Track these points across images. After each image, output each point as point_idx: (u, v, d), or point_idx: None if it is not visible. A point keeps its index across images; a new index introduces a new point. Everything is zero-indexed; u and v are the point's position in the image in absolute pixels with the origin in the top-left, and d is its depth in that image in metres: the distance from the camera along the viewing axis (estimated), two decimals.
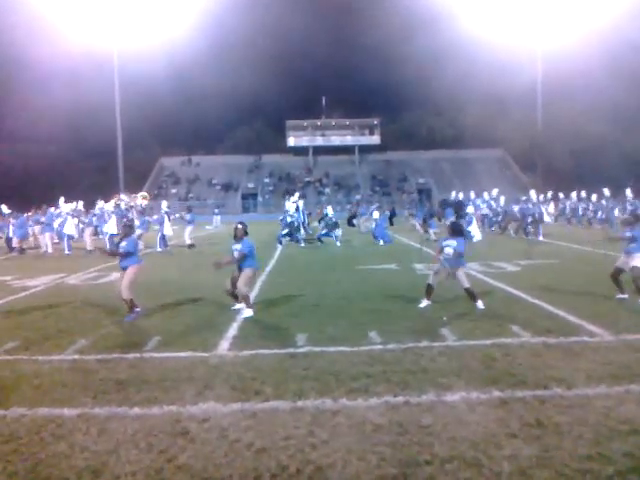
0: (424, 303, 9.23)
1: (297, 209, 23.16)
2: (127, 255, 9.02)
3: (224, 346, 7.13)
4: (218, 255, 12.48)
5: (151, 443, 4.41)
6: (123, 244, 9.09)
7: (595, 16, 43.64)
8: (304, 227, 23.46)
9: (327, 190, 65.49)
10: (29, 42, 47.74)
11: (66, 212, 22.47)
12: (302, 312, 9.14)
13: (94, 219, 23.44)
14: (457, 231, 9.39)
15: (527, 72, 48.43)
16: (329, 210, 23.29)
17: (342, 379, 5.74)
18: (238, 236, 9.26)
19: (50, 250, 21.36)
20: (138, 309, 9.07)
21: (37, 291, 11.98)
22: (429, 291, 9.27)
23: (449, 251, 9.05)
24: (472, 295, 9.09)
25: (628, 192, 27.83)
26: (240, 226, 9.34)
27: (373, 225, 23.07)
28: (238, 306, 9.28)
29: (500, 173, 64.53)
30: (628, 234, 9.39)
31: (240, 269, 9.11)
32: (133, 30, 45.00)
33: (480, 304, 8.99)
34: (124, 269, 9.01)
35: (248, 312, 8.91)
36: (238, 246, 9.18)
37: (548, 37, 46.17)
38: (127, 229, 9.57)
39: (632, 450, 4.07)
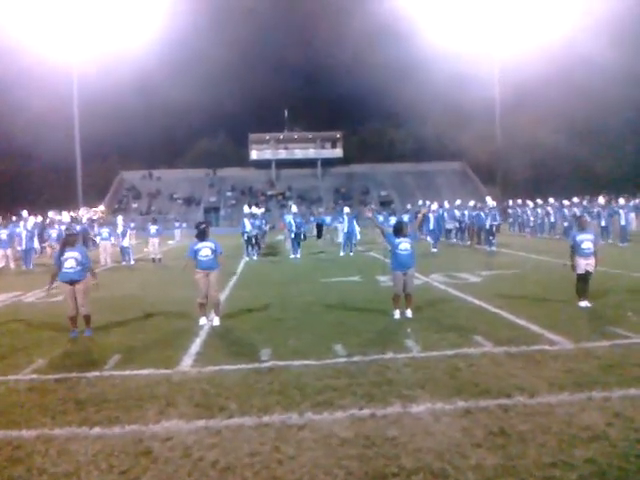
0: (397, 314, 9.26)
1: (253, 216, 22.79)
2: (78, 267, 8.71)
3: (187, 362, 7.02)
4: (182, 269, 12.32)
5: (113, 464, 4.30)
6: (75, 254, 8.72)
7: (551, 31, 44.98)
8: (257, 241, 22.85)
9: (290, 203, 65.42)
10: None
11: (29, 227, 21.93)
12: (266, 326, 9.07)
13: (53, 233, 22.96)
14: (402, 229, 9.45)
15: (486, 85, 49.53)
16: (293, 208, 23.25)
17: (307, 393, 5.70)
18: (207, 234, 9.33)
19: (1, 264, 20.60)
20: (77, 330, 8.76)
21: None
22: (397, 300, 9.32)
23: (406, 246, 9.16)
24: (410, 300, 9.31)
25: (600, 199, 27.76)
26: (206, 225, 9.49)
27: (340, 239, 23.00)
28: (202, 322, 9.18)
29: (461, 185, 65.48)
30: (571, 241, 9.94)
31: (208, 272, 9.19)
32: (93, 42, 44.34)
33: (409, 312, 9.24)
34: (73, 282, 8.67)
35: (217, 320, 9.20)
36: (210, 244, 9.24)
37: (506, 51, 47.29)
38: (70, 238, 9.07)
39: (594, 456, 4.14)
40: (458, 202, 29.47)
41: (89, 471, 4.20)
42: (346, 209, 23.80)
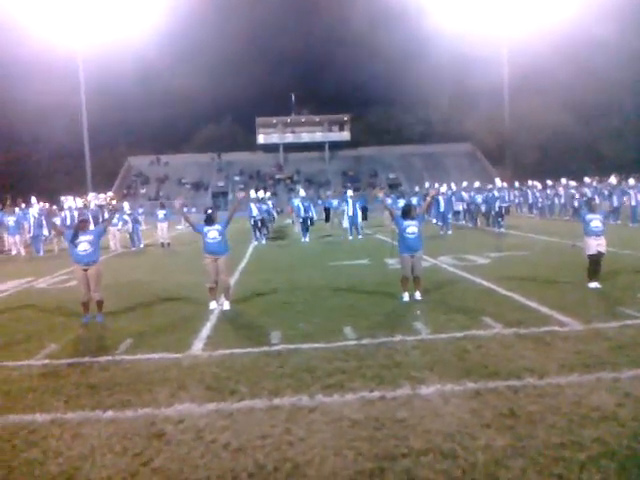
0: (406, 297, 9.27)
1: (260, 201, 22.83)
2: (92, 248, 8.77)
3: (198, 346, 7.07)
4: (191, 254, 12.39)
5: (126, 446, 4.36)
6: (88, 237, 8.78)
7: (560, 14, 44.35)
8: (266, 225, 22.96)
9: (298, 187, 65.31)
10: None
11: (37, 213, 22.07)
12: (275, 310, 9.11)
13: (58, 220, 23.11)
14: (411, 212, 9.42)
15: (495, 68, 49.07)
16: (301, 192, 23.21)
17: (317, 376, 5.74)
18: (214, 219, 9.39)
19: (14, 252, 20.98)
20: (89, 315, 8.85)
21: (5, 296, 11.73)
22: (405, 282, 9.33)
23: (413, 230, 9.14)
24: (419, 283, 9.34)
25: (612, 179, 27.27)
26: (213, 210, 9.75)
27: (345, 223, 22.93)
28: (212, 306, 9.24)
29: (470, 167, 65.06)
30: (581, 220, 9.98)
31: (217, 257, 9.25)
32: (99, 29, 44.36)
33: (418, 295, 9.27)
34: (88, 264, 8.74)
35: (227, 305, 9.26)
36: (217, 227, 9.31)
37: (515, 33, 46.80)
38: (82, 223, 9.16)
39: (603, 436, 4.15)
40: (465, 184, 29.29)
41: (103, 454, 4.26)
42: (349, 192, 23.70)
